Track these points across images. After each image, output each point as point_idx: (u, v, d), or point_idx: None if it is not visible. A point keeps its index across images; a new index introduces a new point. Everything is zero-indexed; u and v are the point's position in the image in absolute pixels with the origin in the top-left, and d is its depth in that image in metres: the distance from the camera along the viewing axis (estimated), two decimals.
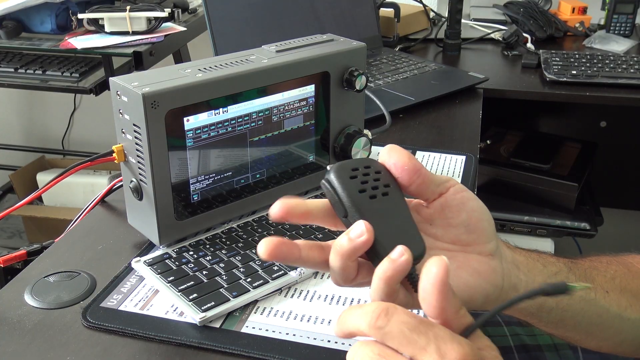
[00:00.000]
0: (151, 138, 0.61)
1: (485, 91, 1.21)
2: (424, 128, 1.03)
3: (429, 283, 0.37)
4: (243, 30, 1.13)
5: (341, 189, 0.44)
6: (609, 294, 0.57)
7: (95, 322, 0.57)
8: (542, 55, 1.39)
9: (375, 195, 0.44)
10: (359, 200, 0.44)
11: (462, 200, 0.47)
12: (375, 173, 0.45)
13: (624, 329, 0.59)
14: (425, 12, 1.59)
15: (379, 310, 0.36)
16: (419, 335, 0.36)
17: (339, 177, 0.44)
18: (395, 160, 0.45)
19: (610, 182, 1.76)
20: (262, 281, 0.61)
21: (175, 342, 0.55)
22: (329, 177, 0.45)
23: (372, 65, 1.27)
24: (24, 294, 0.62)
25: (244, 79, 0.66)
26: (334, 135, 0.78)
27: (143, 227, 0.69)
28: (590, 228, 1.42)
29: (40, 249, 0.71)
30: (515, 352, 0.78)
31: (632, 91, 1.25)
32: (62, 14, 1.51)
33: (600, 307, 0.56)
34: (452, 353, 0.35)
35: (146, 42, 1.44)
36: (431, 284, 0.37)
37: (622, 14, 1.58)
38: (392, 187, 0.45)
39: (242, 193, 0.72)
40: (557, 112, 1.74)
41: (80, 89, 1.48)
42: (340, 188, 0.44)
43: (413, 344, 0.35)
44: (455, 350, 0.35)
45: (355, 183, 0.44)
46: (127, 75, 0.63)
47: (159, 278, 0.62)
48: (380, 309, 0.36)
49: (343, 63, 0.74)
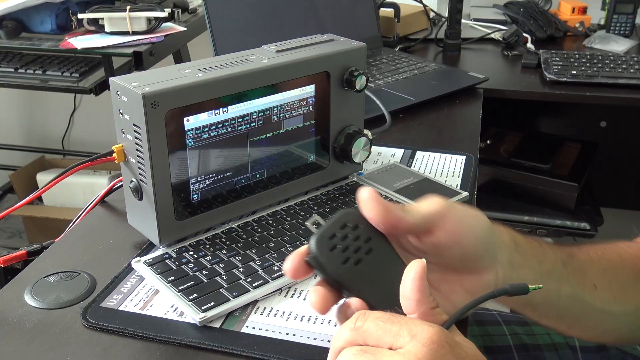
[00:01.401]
0: (151, 138, 0.61)
1: (485, 91, 1.20)
2: (424, 128, 1.03)
3: (409, 278, 0.42)
4: (243, 30, 1.13)
5: (326, 265, 0.45)
6: (597, 288, 0.58)
7: (95, 322, 0.57)
8: (542, 55, 1.39)
9: (360, 259, 0.45)
10: (345, 274, 0.45)
11: (455, 239, 0.48)
12: (353, 230, 0.46)
13: (606, 322, 0.61)
14: (425, 12, 1.59)
15: (357, 315, 0.42)
16: (392, 324, 0.40)
17: (320, 253, 0.45)
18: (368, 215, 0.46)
19: (610, 182, 1.76)
20: (262, 281, 0.61)
21: (175, 342, 0.55)
22: (312, 254, 0.45)
23: (372, 65, 1.27)
24: (24, 294, 0.62)
25: (244, 79, 0.66)
26: (334, 135, 0.78)
27: (143, 227, 0.69)
28: (590, 228, 1.42)
29: (40, 249, 0.71)
30: (514, 351, 0.78)
31: (632, 91, 1.26)
32: (62, 14, 1.51)
33: (584, 304, 0.58)
34: (422, 332, 0.39)
35: (146, 42, 1.44)
36: (410, 279, 0.42)
37: (622, 14, 1.58)
38: (373, 238, 0.47)
39: (242, 193, 0.72)
40: (557, 112, 1.74)
41: (80, 89, 1.48)
42: (326, 265, 0.45)
43: (388, 332, 0.40)
44: (426, 330, 0.39)
45: (336, 255, 0.45)
46: (127, 75, 0.63)
47: (159, 278, 0.62)
48: (358, 314, 0.42)
49: (343, 63, 0.74)
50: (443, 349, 0.38)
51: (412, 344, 0.39)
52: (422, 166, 0.88)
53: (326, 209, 0.74)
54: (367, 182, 0.80)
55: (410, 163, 0.88)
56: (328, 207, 0.74)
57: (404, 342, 0.39)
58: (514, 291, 0.45)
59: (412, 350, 0.38)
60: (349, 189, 0.79)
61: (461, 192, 0.78)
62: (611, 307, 0.59)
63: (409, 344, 0.39)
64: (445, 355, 0.38)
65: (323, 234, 0.45)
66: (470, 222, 0.49)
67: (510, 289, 0.45)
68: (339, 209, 0.74)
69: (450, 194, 0.77)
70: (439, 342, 0.38)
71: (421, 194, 0.76)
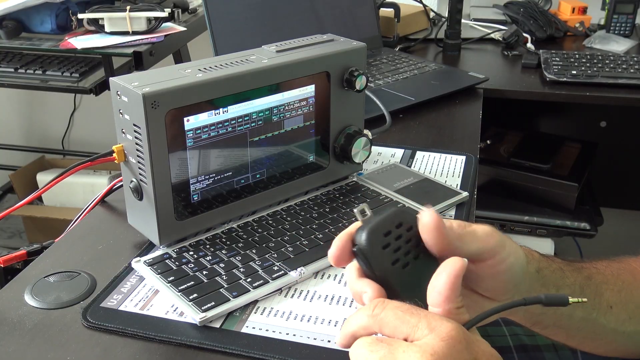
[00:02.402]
0: (151, 138, 0.61)
1: (485, 91, 1.20)
2: (424, 128, 1.03)
3: (445, 271, 0.41)
4: (243, 30, 1.13)
5: (375, 263, 0.43)
6: (612, 309, 0.59)
7: (96, 322, 0.57)
8: (542, 55, 1.39)
9: (407, 263, 0.44)
10: (391, 275, 0.44)
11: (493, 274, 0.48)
12: (407, 231, 0.45)
13: (617, 341, 0.62)
14: (425, 12, 1.59)
15: (376, 302, 0.41)
16: (411, 315, 0.39)
17: (371, 249, 0.43)
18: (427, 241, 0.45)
19: (610, 182, 1.76)
20: (262, 281, 0.61)
21: (175, 342, 0.55)
22: (361, 246, 0.44)
23: (372, 65, 1.27)
24: (24, 294, 0.62)
25: (244, 79, 0.66)
26: (334, 135, 0.78)
27: (143, 227, 0.69)
28: (590, 228, 1.42)
29: (40, 249, 0.71)
30: (514, 351, 0.78)
31: (632, 91, 1.26)
32: (62, 14, 1.51)
33: (597, 325, 0.59)
34: (441, 327, 0.38)
35: (146, 42, 1.44)
36: (446, 273, 0.41)
37: (622, 14, 1.58)
38: (423, 244, 0.45)
39: (242, 193, 0.72)
40: (557, 112, 1.74)
41: (80, 89, 1.48)
42: (374, 263, 0.43)
43: (406, 323, 0.39)
44: (445, 325, 0.38)
45: (388, 254, 0.44)
46: (127, 75, 0.63)
47: (159, 278, 0.62)
48: (377, 301, 0.41)
49: (343, 63, 0.74)
50: (460, 344, 0.38)
51: (430, 337, 0.38)
52: (422, 166, 0.88)
53: (326, 209, 0.74)
54: (367, 182, 0.80)
55: (410, 163, 0.88)
56: (328, 207, 0.74)
57: (422, 335, 0.38)
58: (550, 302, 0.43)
59: (430, 343, 0.38)
60: (349, 189, 0.79)
61: (461, 192, 0.78)
62: (625, 326, 0.60)
63: (427, 337, 0.38)
64: (461, 352, 0.38)
65: (377, 228, 0.44)
66: (511, 261, 0.49)
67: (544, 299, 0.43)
68: (339, 209, 0.74)
69: (450, 194, 0.77)
70: (457, 337, 0.38)
71: (421, 194, 0.77)
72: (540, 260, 0.54)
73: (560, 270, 0.56)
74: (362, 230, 0.44)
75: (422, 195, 0.77)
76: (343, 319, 0.58)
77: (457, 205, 0.77)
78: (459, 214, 0.75)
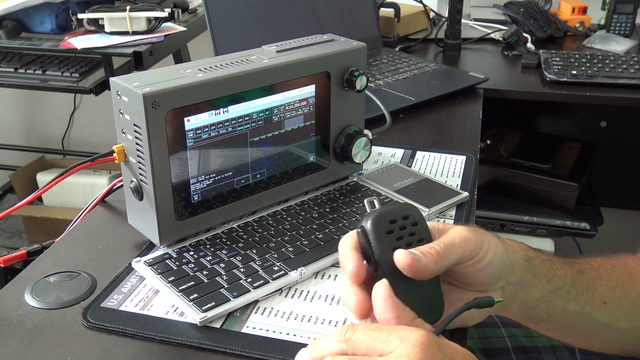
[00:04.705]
0: (151, 138, 0.61)
1: (485, 91, 1.21)
2: (424, 128, 1.03)
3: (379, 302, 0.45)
4: (243, 30, 1.13)
5: (375, 245, 0.46)
6: (607, 304, 0.60)
7: (96, 322, 0.57)
8: (542, 55, 1.39)
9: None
10: (389, 261, 0.46)
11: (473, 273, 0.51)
12: (412, 226, 0.47)
13: (611, 337, 0.63)
14: (425, 12, 1.59)
15: (346, 327, 0.44)
16: (380, 331, 0.42)
17: (375, 230, 0.46)
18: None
19: (610, 182, 1.76)
20: (262, 281, 0.61)
21: (175, 343, 0.55)
22: (366, 227, 0.46)
23: (372, 65, 1.27)
24: (24, 294, 0.62)
25: (245, 79, 0.66)
26: (334, 135, 0.78)
27: (143, 227, 0.69)
28: (590, 228, 1.42)
29: (40, 249, 0.71)
30: (512, 353, 0.78)
31: (632, 91, 1.26)
32: (62, 14, 1.51)
33: (592, 320, 0.59)
34: (411, 336, 0.41)
35: (146, 42, 1.44)
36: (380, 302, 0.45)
37: (622, 14, 1.58)
38: (425, 241, 0.48)
39: (243, 193, 0.72)
40: (557, 112, 1.74)
41: (80, 89, 1.48)
42: (375, 244, 0.46)
43: (377, 340, 0.42)
44: (414, 333, 0.41)
45: (390, 239, 0.46)
46: (127, 75, 0.63)
47: (159, 278, 0.62)
48: (347, 326, 0.44)
49: (343, 63, 0.74)
50: (433, 348, 0.40)
51: (402, 346, 0.40)
52: (423, 166, 0.88)
53: (326, 209, 0.74)
54: (367, 182, 0.80)
55: (411, 163, 0.88)
56: (328, 207, 0.74)
57: (394, 347, 0.41)
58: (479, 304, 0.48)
59: (404, 352, 0.40)
60: (350, 189, 0.79)
61: (461, 192, 0.78)
62: (620, 323, 0.61)
63: (400, 347, 0.40)
64: (435, 354, 0.40)
65: (385, 214, 0.46)
66: (490, 257, 0.51)
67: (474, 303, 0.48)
68: (339, 209, 0.74)
69: (450, 194, 0.77)
70: (428, 342, 0.40)
71: (421, 194, 0.77)
72: (528, 250, 0.56)
73: (549, 262, 0.57)
74: (371, 213, 0.46)
75: (423, 196, 0.77)
76: (344, 319, 0.58)
77: (457, 205, 0.77)
78: (459, 214, 0.75)
